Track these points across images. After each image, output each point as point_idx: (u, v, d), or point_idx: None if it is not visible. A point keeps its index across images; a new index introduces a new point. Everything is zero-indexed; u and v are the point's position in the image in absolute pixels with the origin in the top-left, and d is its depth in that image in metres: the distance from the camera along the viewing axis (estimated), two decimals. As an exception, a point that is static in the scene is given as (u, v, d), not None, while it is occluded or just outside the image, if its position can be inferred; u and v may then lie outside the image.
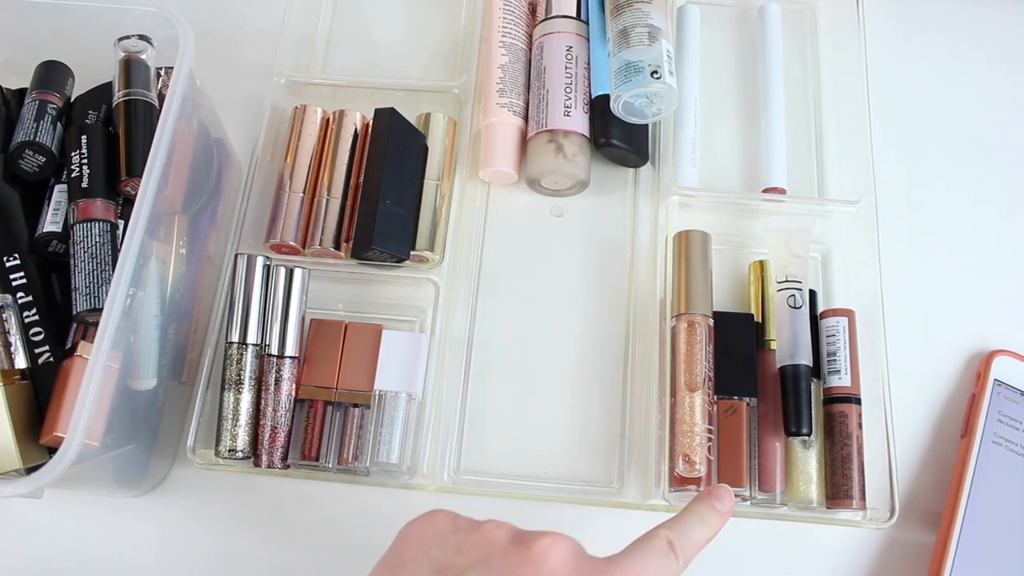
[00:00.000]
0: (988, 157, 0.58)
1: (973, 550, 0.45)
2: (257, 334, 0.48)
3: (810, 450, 0.47)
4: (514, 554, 0.30)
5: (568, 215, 0.56)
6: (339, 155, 0.54)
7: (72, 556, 0.48)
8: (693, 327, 0.48)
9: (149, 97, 0.48)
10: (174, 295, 0.47)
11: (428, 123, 0.55)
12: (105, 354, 0.38)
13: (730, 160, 0.57)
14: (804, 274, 0.49)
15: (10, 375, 0.41)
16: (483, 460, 0.49)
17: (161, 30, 0.48)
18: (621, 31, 0.52)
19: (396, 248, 0.51)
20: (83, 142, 0.46)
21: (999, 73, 0.60)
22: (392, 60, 0.61)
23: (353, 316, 0.52)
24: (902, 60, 0.60)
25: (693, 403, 0.46)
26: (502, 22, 0.57)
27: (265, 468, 0.47)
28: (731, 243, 0.54)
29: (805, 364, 0.47)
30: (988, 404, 0.49)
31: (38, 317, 0.43)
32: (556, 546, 0.30)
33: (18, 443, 0.40)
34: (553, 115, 0.54)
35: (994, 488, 0.47)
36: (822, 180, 0.56)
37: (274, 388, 0.48)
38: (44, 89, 0.48)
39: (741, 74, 0.60)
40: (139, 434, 0.45)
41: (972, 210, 0.56)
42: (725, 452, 0.47)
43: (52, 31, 0.49)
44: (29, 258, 0.45)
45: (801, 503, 0.47)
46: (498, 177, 0.56)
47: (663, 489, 0.47)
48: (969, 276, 0.54)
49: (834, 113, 0.58)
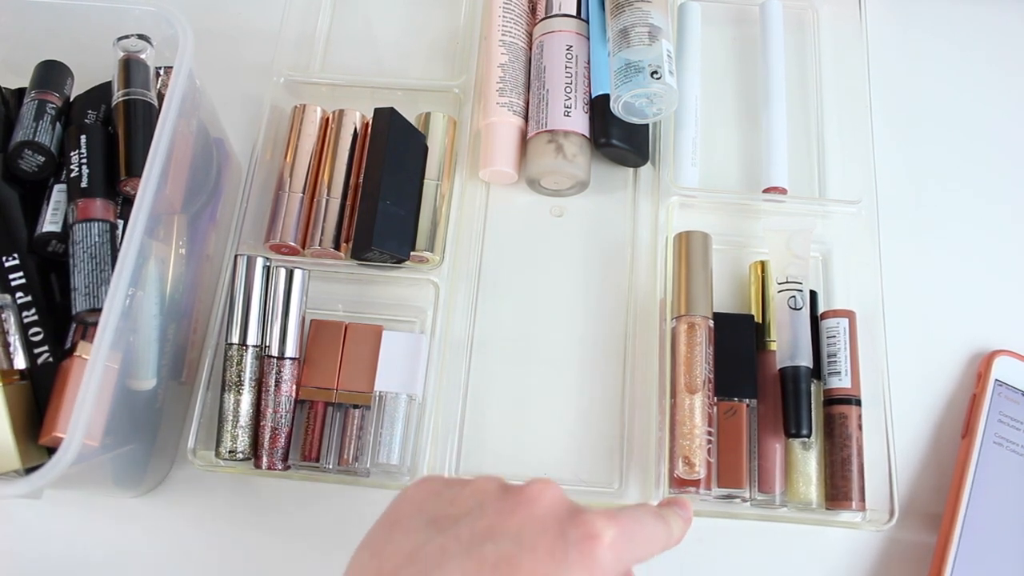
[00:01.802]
0: (989, 157, 0.57)
1: (974, 551, 0.45)
2: (257, 335, 0.48)
3: (810, 451, 0.47)
4: (507, 499, 0.31)
5: (568, 215, 0.56)
6: (339, 155, 0.54)
7: (72, 556, 0.48)
8: (693, 328, 0.48)
9: (149, 97, 0.48)
10: (174, 295, 0.47)
11: (428, 123, 0.55)
12: (104, 354, 0.38)
13: (730, 160, 0.57)
14: (805, 275, 0.49)
15: (9, 375, 0.41)
16: (483, 461, 0.49)
17: (160, 30, 0.48)
18: (621, 30, 0.52)
19: (396, 248, 0.51)
20: (82, 142, 0.46)
21: (1000, 73, 0.60)
22: (392, 59, 0.61)
23: (353, 317, 0.52)
24: (903, 59, 0.60)
25: (693, 405, 0.46)
26: (502, 21, 0.57)
27: (265, 469, 0.47)
28: (731, 243, 0.54)
29: (805, 365, 0.47)
30: (989, 404, 0.49)
31: (37, 317, 0.43)
32: (548, 489, 0.31)
33: (17, 443, 0.40)
34: (553, 115, 0.53)
35: (995, 489, 0.47)
36: (823, 180, 0.56)
37: (274, 389, 0.48)
38: (43, 89, 0.48)
39: (742, 73, 0.60)
40: (139, 434, 0.45)
41: (973, 210, 0.56)
42: (725, 453, 0.47)
43: (52, 31, 0.49)
44: (28, 258, 0.44)
45: (801, 504, 0.47)
46: (498, 177, 0.55)
47: (663, 490, 0.47)
48: (970, 276, 0.54)
49: (835, 112, 0.58)
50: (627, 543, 0.30)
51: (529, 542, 0.29)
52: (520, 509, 0.30)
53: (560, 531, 0.29)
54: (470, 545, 0.29)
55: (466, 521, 0.30)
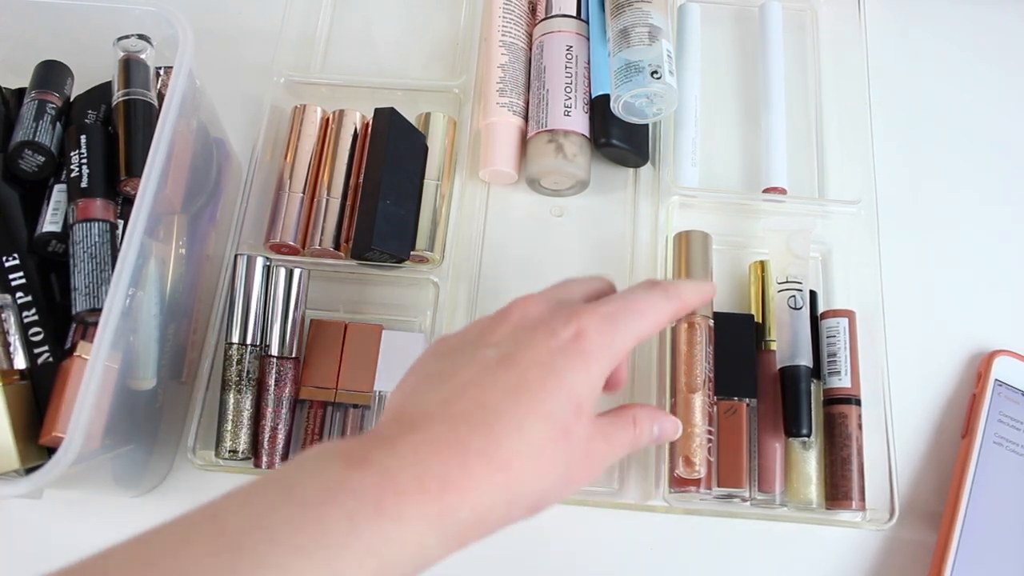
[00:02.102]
0: (989, 157, 0.57)
1: (974, 551, 0.45)
2: (257, 335, 0.48)
3: (810, 451, 0.47)
4: (497, 317, 0.34)
5: (568, 215, 0.56)
6: (339, 155, 0.54)
7: (72, 556, 0.48)
8: (693, 328, 0.48)
9: (149, 97, 0.48)
10: (174, 295, 0.47)
11: (428, 123, 0.55)
12: (104, 354, 0.38)
13: (730, 160, 0.57)
14: (805, 275, 0.49)
15: (9, 375, 0.41)
16: (483, 460, 0.49)
17: (160, 30, 0.48)
18: (621, 31, 0.52)
19: (396, 248, 0.51)
20: (82, 142, 0.46)
21: (1000, 73, 0.60)
22: (392, 60, 0.61)
23: (353, 316, 0.52)
24: (903, 59, 0.60)
25: (693, 404, 0.46)
26: (502, 21, 0.57)
27: (265, 469, 0.47)
28: (731, 243, 0.54)
29: (805, 365, 0.47)
30: (989, 404, 0.49)
31: (37, 317, 0.43)
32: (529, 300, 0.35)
33: (17, 443, 0.40)
34: (553, 115, 0.53)
35: (995, 489, 0.47)
36: (823, 180, 0.56)
37: (274, 389, 0.48)
38: (43, 89, 0.48)
39: (741, 74, 0.60)
40: (138, 434, 0.45)
41: (973, 210, 0.56)
42: (725, 453, 0.47)
43: (52, 31, 0.49)
44: (28, 258, 0.44)
45: (801, 504, 0.47)
46: (498, 177, 0.55)
47: (663, 490, 0.47)
48: (970, 276, 0.54)
49: (835, 112, 0.58)
50: (612, 328, 0.33)
51: (525, 340, 0.32)
52: (509, 319, 0.34)
53: (550, 330, 0.32)
54: (472, 356, 0.32)
55: (468, 345, 0.33)
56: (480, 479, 0.29)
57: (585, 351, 0.32)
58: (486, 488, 0.29)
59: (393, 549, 0.26)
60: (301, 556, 0.25)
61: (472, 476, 0.28)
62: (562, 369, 0.31)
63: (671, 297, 0.36)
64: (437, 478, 0.28)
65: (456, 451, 0.29)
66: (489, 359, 0.32)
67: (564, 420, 0.31)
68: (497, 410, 0.30)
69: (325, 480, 0.27)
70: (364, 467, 0.27)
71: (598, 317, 0.33)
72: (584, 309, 0.33)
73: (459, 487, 0.28)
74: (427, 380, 0.32)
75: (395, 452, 0.28)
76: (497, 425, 0.29)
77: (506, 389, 0.30)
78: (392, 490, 0.27)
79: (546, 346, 0.32)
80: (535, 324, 0.33)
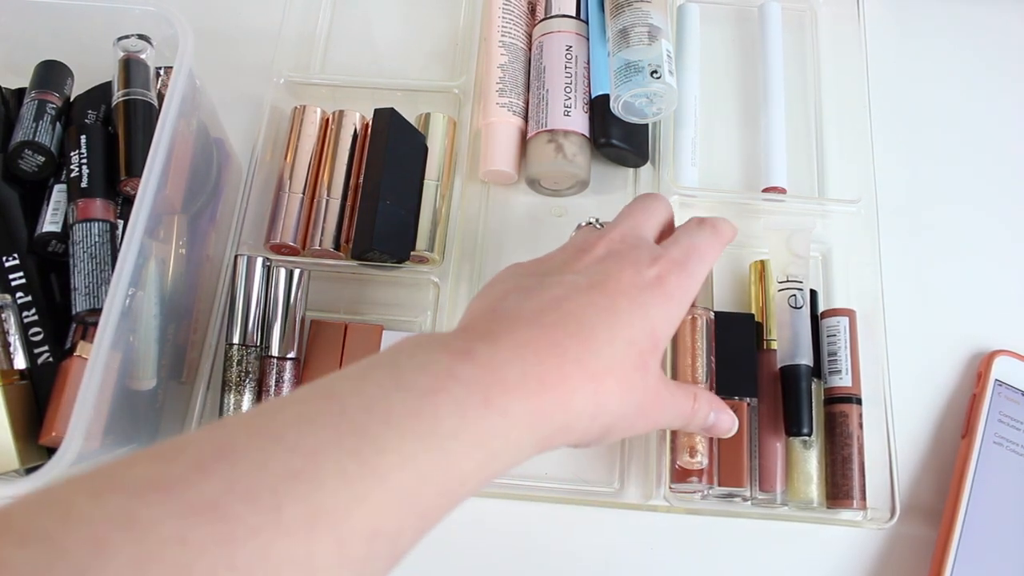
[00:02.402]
0: (989, 157, 0.57)
1: (974, 550, 0.45)
2: (257, 335, 0.48)
3: (811, 450, 0.47)
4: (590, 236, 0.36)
5: (568, 215, 0.56)
6: (339, 155, 0.54)
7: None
8: (694, 321, 0.48)
9: (149, 97, 0.48)
10: (174, 295, 0.47)
11: (428, 123, 0.55)
12: (104, 354, 0.38)
13: (730, 160, 0.57)
14: (805, 274, 0.49)
15: (9, 375, 0.41)
16: (483, 460, 0.49)
17: (160, 30, 0.48)
18: (621, 31, 0.52)
19: (396, 249, 0.51)
20: (82, 142, 0.46)
21: (1000, 73, 0.60)
22: (391, 60, 0.61)
23: (353, 317, 0.52)
24: (903, 59, 0.60)
25: (694, 403, 0.46)
26: (502, 22, 0.57)
27: (265, 469, 0.47)
28: (732, 243, 0.54)
29: (806, 364, 0.47)
30: (989, 404, 0.49)
31: (37, 317, 0.43)
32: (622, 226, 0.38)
33: (17, 444, 0.40)
34: (553, 115, 0.54)
35: (995, 488, 0.47)
36: (822, 179, 0.56)
37: (274, 389, 0.48)
38: (43, 89, 0.48)
39: (741, 73, 0.60)
40: (139, 434, 0.45)
41: (973, 209, 0.56)
42: (725, 452, 0.47)
43: (52, 31, 0.49)
44: (28, 258, 0.44)
45: (802, 503, 0.47)
46: (498, 177, 0.55)
47: (663, 490, 0.47)
48: (970, 276, 0.54)
49: (834, 112, 0.58)
50: (687, 274, 0.35)
51: (613, 272, 0.33)
52: (593, 252, 0.35)
53: (635, 268, 0.34)
54: (560, 278, 0.33)
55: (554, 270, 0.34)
56: (575, 386, 0.29)
57: (668, 293, 0.34)
58: (580, 395, 0.29)
59: (496, 444, 0.27)
60: (417, 442, 0.25)
61: (568, 381, 0.29)
62: (647, 303, 0.33)
63: (718, 233, 0.38)
64: (538, 377, 0.28)
65: (554, 353, 0.29)
66: (579, 283, 0.33)
67: (644, 352, 0.32)
68: (592, 324, 0.31)
69: (434, 368, 0.27)
70: (469, 359, 0.28)
71: (674, 264, 0.35)
72: (663, 255, 0.35)
73: (557, 389, 0.29)
74: (516, 291, 0.33)
75: (497, 348, 0.28)
76: (591, 338, 0.30)
77: (599, 309, 0.32)
78: (499, 385, 0.27)
79: (632, 281, 0.33)
80: (620, 259, 0.34)
